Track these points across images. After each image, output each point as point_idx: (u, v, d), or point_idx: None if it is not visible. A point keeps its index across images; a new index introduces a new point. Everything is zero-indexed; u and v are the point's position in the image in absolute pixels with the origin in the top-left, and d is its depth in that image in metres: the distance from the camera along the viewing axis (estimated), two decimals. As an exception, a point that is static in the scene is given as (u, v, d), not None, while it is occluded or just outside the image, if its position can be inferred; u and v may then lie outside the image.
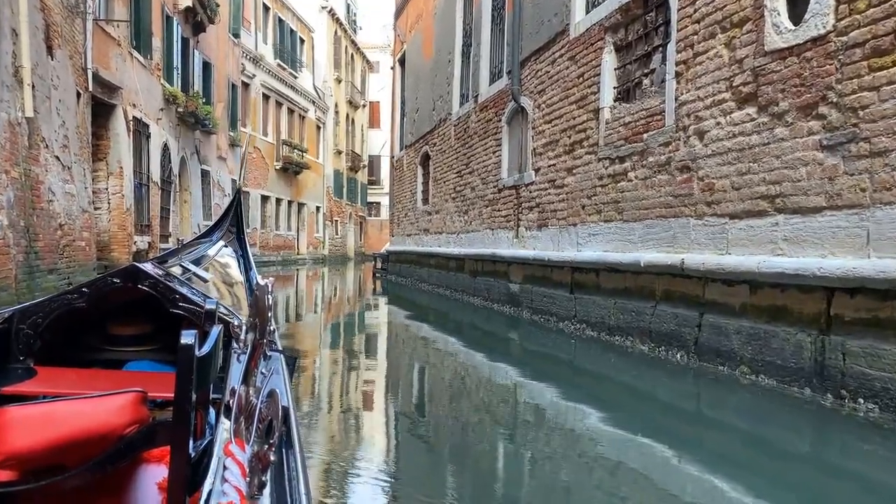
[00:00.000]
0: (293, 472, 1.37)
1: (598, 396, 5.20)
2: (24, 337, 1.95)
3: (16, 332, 1.94)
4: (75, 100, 10.80)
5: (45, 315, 1.97)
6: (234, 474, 1.08)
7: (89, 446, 1.29)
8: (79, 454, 1.29)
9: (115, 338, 2.24)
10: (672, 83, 5.71)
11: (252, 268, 3.60)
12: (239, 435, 1.28)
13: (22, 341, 1.95)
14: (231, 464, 1.10)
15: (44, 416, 1.32)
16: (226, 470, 1.07)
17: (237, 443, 1.21)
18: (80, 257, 10.48)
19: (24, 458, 1.28)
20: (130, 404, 1.35)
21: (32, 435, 1.28)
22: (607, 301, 6.61)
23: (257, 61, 26.39)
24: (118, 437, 1.30)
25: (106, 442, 1.29)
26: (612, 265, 6.45)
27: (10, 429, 1.27)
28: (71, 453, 1.29)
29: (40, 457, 1.28)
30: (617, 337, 6.42)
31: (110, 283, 2.00)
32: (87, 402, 1.36)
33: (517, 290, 9.03)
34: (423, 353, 7.66)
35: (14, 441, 1.27)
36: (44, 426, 1.29)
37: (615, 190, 6.60)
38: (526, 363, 6.76)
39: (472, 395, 5.38)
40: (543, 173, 8.35)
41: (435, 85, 14.14)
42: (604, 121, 6.86)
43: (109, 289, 2.00)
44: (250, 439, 1.31)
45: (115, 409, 1.33)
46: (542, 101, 8.44)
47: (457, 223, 12.30)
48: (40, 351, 1.98)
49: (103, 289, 1.99)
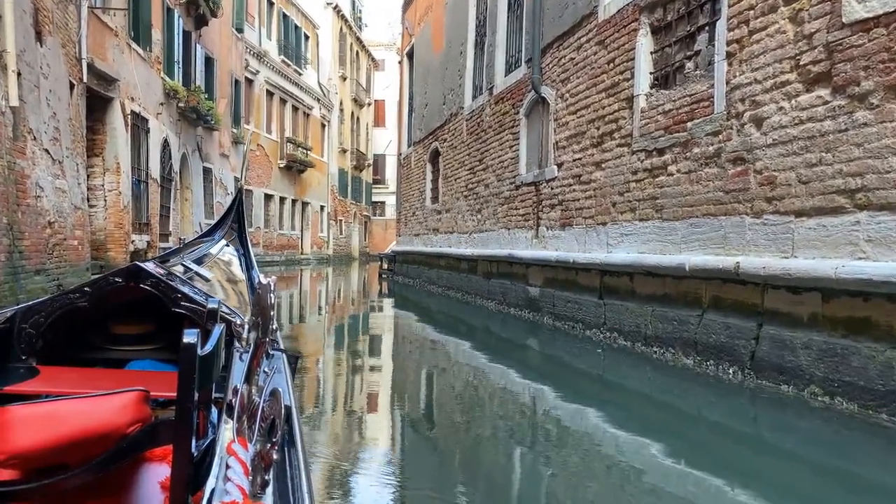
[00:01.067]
0: (295, 471, 1.34)
1: (634, 414, 4.61)
2: (26, 336, 1.96)
3: (18, 331, 1.95)
4: (68, 91, 10.22)
5: (48, 314, 1.97)
6: (236, 473, 1.06)
7: (91, 445, 1.28)
8: (81, 453, 1.29)
9: (116, 337, 2.25)
10: (722, 65, 5.09)
11: (254, 267, 3.57)
12: (241, 434, 1.25)
13: (24, 340, 1.96)
14: (234, 462, 1.09)
15: (46, 416, 1.31)
16: (228, 469, 1.06)
17: (240, 441, 1.19)
18: (72, 257, 9.90)
19: (26, 458, 1.27)
20: (133, 403, 1.35)
21: (34, 434, 1.27)
22: (643, 308, 6.00)
23: (261, 57, 25.84)
24: (120, 437, 1.30)
25: (108, 441, 1.29)
26: (649, 268, 5.83)
27: (13, 428, 1.27)
28: (73, 452, 1.29)
29: (42, 456, 1.28)
30: (655, 348, 5.80)
31: (112, 282, 2.01)
32: (89, 402, 1.36)
33: (537, 294, 8.41)
34: (432, 358, 7.19)
35: (16, 440, 1.26)
36: (46, 425, 1.28)
37: (653, 185, 5.99)
38: (546, 373, 6.21)
39: (484, 404, 4.97)
40: (567, 168, 7.74)
41: (445, 78, 13.53)
42: (639, 110, 6.24)
43: (111, 288, 2.01)
44: (253, 438, 1.29)
45: (117, 408, 1.33)
46: (566, 90, 7.82)
47: (469, 222, 11.69)
48: (42, 350, 1.99)
49: (105, 288, 2.00)
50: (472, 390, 5.45)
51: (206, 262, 3.01)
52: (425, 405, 5.00)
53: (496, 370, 6.23)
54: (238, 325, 1.97)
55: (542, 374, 6.22)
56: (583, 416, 4.49)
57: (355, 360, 6.96)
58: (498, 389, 5.44)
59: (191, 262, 2.72)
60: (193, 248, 3.29)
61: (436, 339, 8.35)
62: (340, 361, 6.79)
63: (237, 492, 1.00)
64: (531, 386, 5.55)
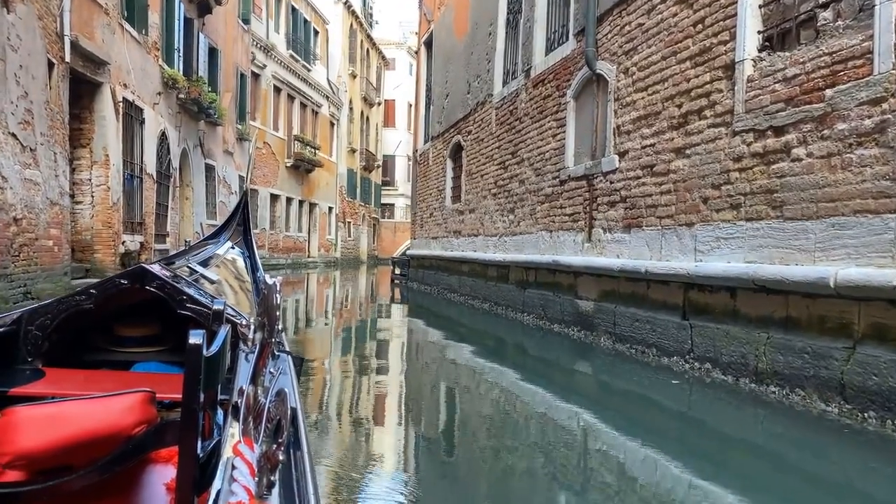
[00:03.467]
0: (301, 472, 1.30)
1: (740, 471, 3.35)
2: (32, 338, 1.97)
3: (24, 333, 1.96)
4: (45, 69, 8.95)
5: (53, 316, 1.98)
6: (242, 474, 1.05)
7: (97, 446, 1.29)
8: (87, 454, 1.29)
9: (122, 339, 2.25)
10: (888, 7, 3.73)
11: (259, 268, 3.55)
12: (248, 434, 1.25)
13: (30, 343, 1.97)
14: (240, 463, 1.08)
15: (52, 417, 1.31)
16: (234, 469, 1.05)
17: (246, 442, 1.19)
18: (46, 260, 8.60)
19: (32, 459, 1.28)
20: (139, 404, 1.35)
21: (40, 435, 1.27)
22: (752, 334, 4.63)
23: (268, 51, 24.60)
24: (126, 438, 1.30)
25: (114, 442, 1.29)
26: (765, 283, 4.46)
27: (19, 429, 1.27)
28: (79, 453, 1.29)
29: (48, 457, 1.28)
30: (772, 387, 4.43)
31: (118, 284, 2.01)
32: (95, 403, 1.36)
33: (590, 309, 7.05)
34: (454, 374, 6.28)
35: (22, 441, 1.26)
36: (52, 426, 1.28)
37: (766, 174, 4.62)
38: (604, 405, 5.03)
39: (515, 426, 4.38)
40: (634, 157, 6.38)
41: (470, 64, 12.20)
42: (743, 79, 4.88)
43: (117, 290, 2.01)
44: (259, 439, 1.26)
45: (123, 409, 1.33)
46: (633, 63, 6.46)
47: (499, 224, 10.33)
48: (48, 352, 2.00)
49: (111, 290, 2.01)
50: (501, 411, 4.84)
51: (211, 263, 3.00)
52: (443, 422, 4.57)
53: (532, 393, 5.35)
54: (243, 327, 1.96)
55: (596, 402, 5.11)
56: (657, 464, 3.44)
57: (366, 370, 6.38)
58: (534, 414, 4.68)
59: (196, 264, 2.71)
60: (199, 251, 3.27)
61: (459, 355, 7.22)
62: (350, 373, 6.20)
63: (243, 492, 0.99)
64: (580, 415, 4.60)
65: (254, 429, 1.29)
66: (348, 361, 6.96)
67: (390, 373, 6.35)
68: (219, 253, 3.35)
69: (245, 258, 3.65)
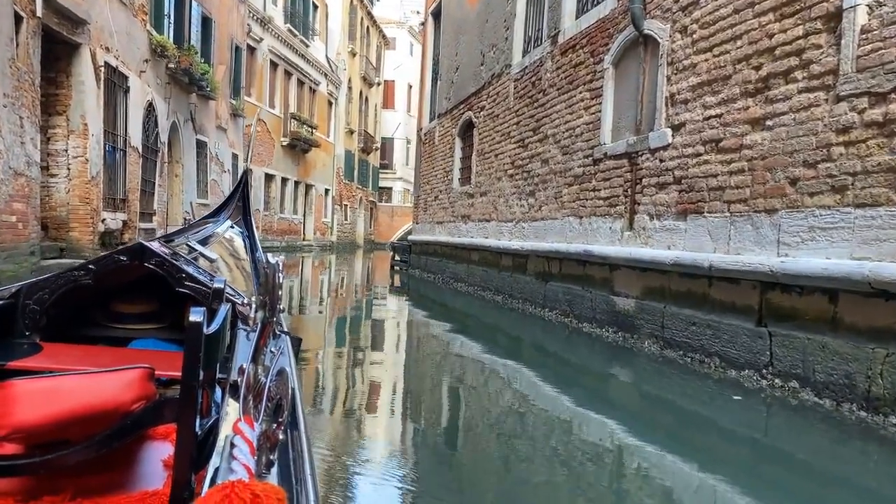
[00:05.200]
0: (298, 452, 1.25)
1: None
2: (30, 312, 1.96)
3: (22, 307, 1.95)
4: (11, 24, 7.91)
5: (52, 291, 1.97)
6: (243, 452, 1.03)
7: (95, 421, 1.26)
8: (84, 429, 1.27)
9: (120, 315, 2.24)
10: None
11: (258, 248, 3.54)
12: (247, 413, 1.22)
13: (28, 317, 1.96)
14: (240, 441, 1.06)
15: (50, 390, 1.29)
16: (234, 447, 1.03)
17: (246, 420, 1.15)
18: (7, 237, 7.61)
19: (29, 432, 1.26)
20: (138, 380, 1.33)
21: (38, 409, 1.25)
22: (863, 349, 3.70)
23: (265, 24, 23.46)
24: (125, 413, 1.28)
25: (112, 417, 1.27)
26: (883, 285, 3.53)
27: (16, 402, 1.25)
28: (76, 428, 1.27)
29: (45, 431, 1.26)
30: (893, 418, 3.51)
31: (117, 260, 2.01)
32: (94, 378, 1.35)
33: (631, 308, 6.11)
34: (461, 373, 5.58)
35: (19, 414, 1.24)
36: (50, 400, 1.26)
37: (887, 148, 3.68)
38: (647, 420, 4.21)
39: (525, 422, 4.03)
40: (693, 130, 5.42)
41: (485, 33, 11.17)
42: (855, 30, 3.92)
43: (116, 266, 2.01)
44: (259, 417, 1.22)
45: (122, 385, 1.31)
46: (692, 19, 5.49)
47: (516, 208, 9.37)
48: (46, 327, 1.99)
49: (109, 266, 2.00)
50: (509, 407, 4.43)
51: (210, 242, 2.98)
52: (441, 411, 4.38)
53: (553, 395, 4.71)
54: (242, 306, 1.93)
55: (635, 416, 4.28)
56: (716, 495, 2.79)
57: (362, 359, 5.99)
58: (554, 418, 4.15)
59: (195, 243, 2.70)
60: (199, 229, 3.22)
61: (466, 349, 6.48)
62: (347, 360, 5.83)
63: (243, 470, 0.97)
64: (614, 428, 3.93)
65: (254, 408, 1.26)
66: (344, 349, 6.39)
67: (389, 362, 5.93)
68: (218, 232, 3.35)
69: (244, 238, 3.65)
